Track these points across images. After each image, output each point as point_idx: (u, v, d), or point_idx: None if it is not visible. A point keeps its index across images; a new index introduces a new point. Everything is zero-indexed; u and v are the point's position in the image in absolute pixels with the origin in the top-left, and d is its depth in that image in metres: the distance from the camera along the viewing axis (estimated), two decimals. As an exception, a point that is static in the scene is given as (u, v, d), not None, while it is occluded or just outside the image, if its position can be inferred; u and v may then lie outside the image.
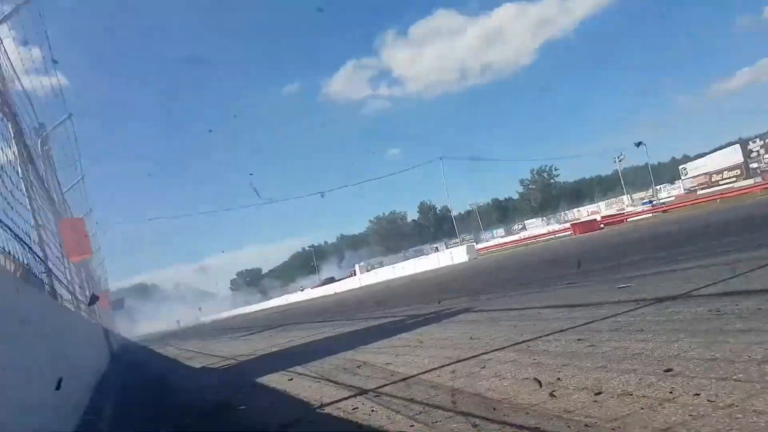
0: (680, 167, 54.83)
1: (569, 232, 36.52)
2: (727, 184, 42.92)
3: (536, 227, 59.75)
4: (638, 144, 55.91)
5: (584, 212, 60.66)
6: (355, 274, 51.37)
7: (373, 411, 2.85)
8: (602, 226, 34.63)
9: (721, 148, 49.64)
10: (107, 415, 4.77)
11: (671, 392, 2.04)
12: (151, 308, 78.00)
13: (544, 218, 66.88)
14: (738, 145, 45.04)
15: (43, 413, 2.92)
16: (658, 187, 57.93)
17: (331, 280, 58.31)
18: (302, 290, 63.45)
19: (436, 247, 60.20)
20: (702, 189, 45.84)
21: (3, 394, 2.09)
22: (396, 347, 4.82)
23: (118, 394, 6.28)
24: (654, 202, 45.66)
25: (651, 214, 35.50)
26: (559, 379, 2.65)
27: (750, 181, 39.44)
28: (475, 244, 46.18)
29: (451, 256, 35.75)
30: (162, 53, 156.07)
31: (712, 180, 46.60)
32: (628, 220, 35.99)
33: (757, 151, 42.75)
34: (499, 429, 2.14)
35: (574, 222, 42.67)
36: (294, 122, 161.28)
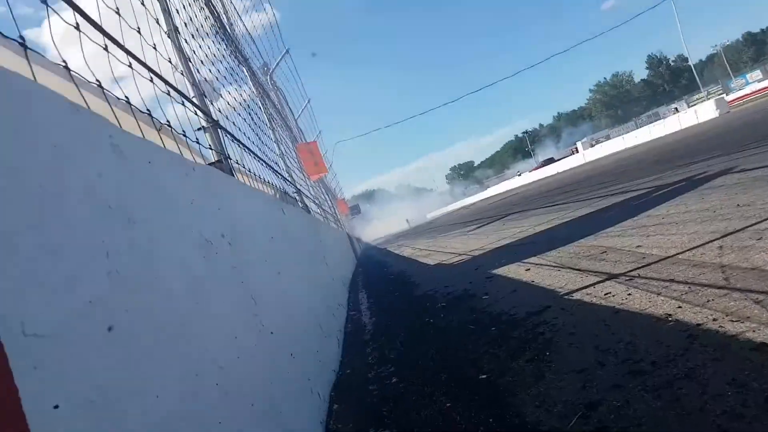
0: None
1: None
2: None
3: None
4: None
5: None
6: (576, 152, 47.25)
7: (629, 295, 2.61)
8: None
9: None
10: (364, 308, 5.48)
11: None
12: (379, 211, 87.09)
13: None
14: None
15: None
16: None
17: (550, 161, 55.11)
18: (519, 175, 62.01)
19: (675, 108, 50.09)
20: None
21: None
22: (644, 227, 4.27)
23: (370, 290, 7.16)
24: None
25: None
26: None
27: None
28: (724, 95, 37.61)
29: (695, 114, 29.69)
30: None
31: None
32: None
33: None
34: (791, 303, 1.76)
35: None
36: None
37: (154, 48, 2.71)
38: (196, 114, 3.15)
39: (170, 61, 2.97)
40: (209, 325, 1.47)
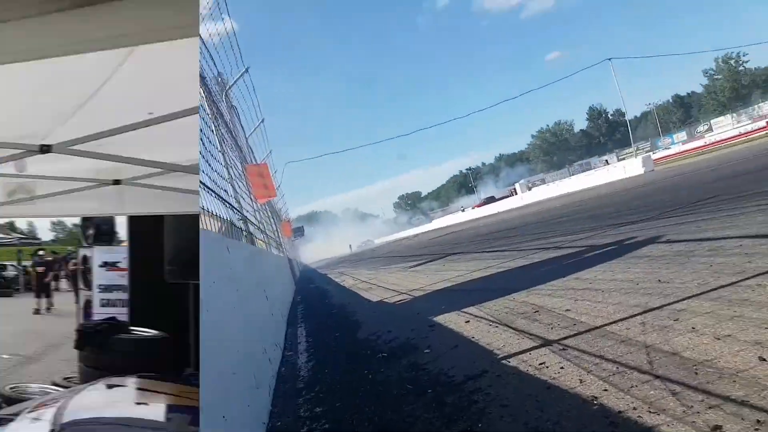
0: None
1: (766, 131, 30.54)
2: None
3: (724, 127, 50.39)
4: None
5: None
6: (515, 193, 50.11)
7: (561, 368, 2.73)
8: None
9: None
10: (302, 348, 5.39)
11: None
12: (323, 233, 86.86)
13: (734, 115, 55.75)
14: None
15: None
16: None
17: (491, 199, 58.13)
18: (463, 211, 64.42)
19: (606, 160, 54.77)
20: None
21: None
22: (574, 290, 4.55)
23: (310, 325, 7.05)
24: None
25: None
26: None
27: None
28: (651, 153, 41.14)
29: (624, 169, 32.41)
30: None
31: None
32: None
33: None
34: (702, 400, 1.91)
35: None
36: (447, 38, 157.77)
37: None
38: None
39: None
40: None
